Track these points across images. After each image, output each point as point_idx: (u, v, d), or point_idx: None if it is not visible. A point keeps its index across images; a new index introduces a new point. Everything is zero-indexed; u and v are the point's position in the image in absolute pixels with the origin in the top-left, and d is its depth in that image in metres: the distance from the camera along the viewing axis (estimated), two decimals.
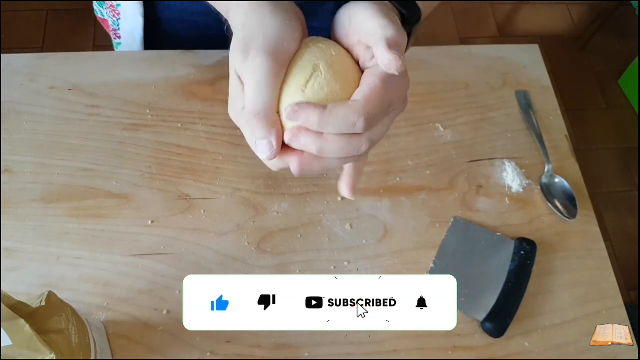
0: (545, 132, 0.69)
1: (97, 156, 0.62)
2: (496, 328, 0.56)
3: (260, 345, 0.54)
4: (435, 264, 0.60)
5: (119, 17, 0.74)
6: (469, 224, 0.63)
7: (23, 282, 0.55)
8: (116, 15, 0.74)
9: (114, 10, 0.73)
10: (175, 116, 0.66)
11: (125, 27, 0.75)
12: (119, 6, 0.72)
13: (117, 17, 0.74)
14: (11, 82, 0.66)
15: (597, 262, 0.62)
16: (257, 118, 0.36)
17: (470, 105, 0.71)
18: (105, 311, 0.54)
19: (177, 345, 0.53)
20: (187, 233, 0.59)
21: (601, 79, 1.84)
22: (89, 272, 0.56)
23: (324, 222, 0.61)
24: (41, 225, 0.58)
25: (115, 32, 0.76)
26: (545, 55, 0.77)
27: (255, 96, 0.36)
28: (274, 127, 0.36)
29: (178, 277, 0.56)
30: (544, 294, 0.59)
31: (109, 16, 0.75)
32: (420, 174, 0.65)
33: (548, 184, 0.66)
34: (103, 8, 0.75)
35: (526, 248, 0.60)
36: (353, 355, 0.54)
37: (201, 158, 0.63)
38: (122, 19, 0.74)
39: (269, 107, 0.36)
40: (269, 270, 0.58)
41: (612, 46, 1.91)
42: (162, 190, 0.61)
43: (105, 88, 0.67)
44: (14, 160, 0.61)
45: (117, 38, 0.77)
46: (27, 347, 0.37)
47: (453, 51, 0.77)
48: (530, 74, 0.74)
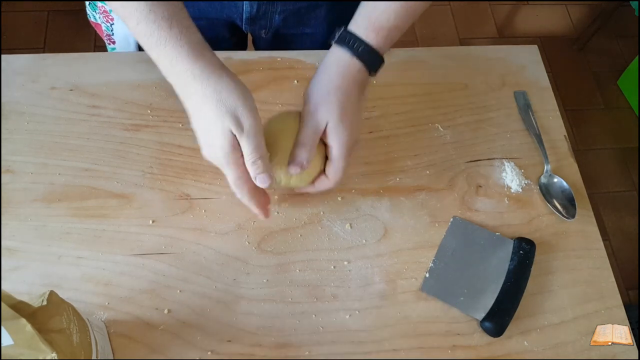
0: (544, 132, 0.70)
1: (98, 156, 0.63)
2: (495, 327, 0.56)
3: (261, 344, 0.54)
4: (435, 264, 0.60)
5: (112, 22, 0.74)
6: (468, 223, 0.63)
7: (24, 281, 0.55)
8: (110, 21, 0.74)
9: (107, 16, 0.74)
10: (176, 116, 0.66)
11: (119, 32, 0.75)
12: (112, 12, 0.73)
13: (111, 22, 0.74)
14: (13, 82, 0.66)
15: (596, 262, 0.62)
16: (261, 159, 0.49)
17: (469, 105, 0.71)
18: (107, 310, 0.54)
19: (178, 344, 0.54)
20: (188, 233, 0.59)
21: (600, 79, 1.85)
22: (90, 271, 0.56)
23: (324, 222, 0.61)
24: (43, 225, 0.58)
25: (110, 37, 0.76)
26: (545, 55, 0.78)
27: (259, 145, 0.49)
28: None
29: (179, 276, 0.57)
30: (543, 294, 0.60)
31: (102, 21, 0.75)
32: (419, 174, 0.66)
33: (547, 184, 0.66)
34: (96, 12, 0.75)
35: (525, 248, 0.60)
36: (353, 355, 0.55)
37: (202, 158, 0.63)
38: (115, 24, 0.74)
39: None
40: (270, 270, 0.58)
41: (611, 47, 1.91)
42: (163, 190, 0.61)
43: (106, 88, 0.67)
44: (16, 161, 0.62)
45: (112, 43, 0.77)
46: (29, 347, 0.37)
47: (452, 52, 0.77)
48: (529, 75, 0.75)
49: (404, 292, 0.58)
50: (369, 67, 0.54)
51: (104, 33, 0.76)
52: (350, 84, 0.53)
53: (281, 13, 0.70)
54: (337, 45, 0.53)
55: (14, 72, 0.67)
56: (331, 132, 0.52)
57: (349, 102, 0.53)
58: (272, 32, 0.74)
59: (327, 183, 0.56)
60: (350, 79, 0.53)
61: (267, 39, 0.76)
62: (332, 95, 0.52)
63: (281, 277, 0.58)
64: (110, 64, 0.69)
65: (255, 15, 0.70)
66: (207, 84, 0.47)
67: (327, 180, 0.56)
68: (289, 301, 0.57)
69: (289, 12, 0.70)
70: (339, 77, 0.53)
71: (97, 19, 0.75)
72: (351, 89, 0.53)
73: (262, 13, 0.70)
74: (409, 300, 0.58)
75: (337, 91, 0.52)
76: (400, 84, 0.72)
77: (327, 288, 0.58)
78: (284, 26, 0.73)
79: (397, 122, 0.69)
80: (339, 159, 0.53)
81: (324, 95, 0.52)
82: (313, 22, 0.74)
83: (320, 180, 0.56)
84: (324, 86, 0.53)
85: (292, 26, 0.74)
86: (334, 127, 0.52)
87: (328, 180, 0.55)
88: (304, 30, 0.75)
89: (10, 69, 0.67)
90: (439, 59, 0.75)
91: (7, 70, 0.67)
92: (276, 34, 0.75)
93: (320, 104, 0.52)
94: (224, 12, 0.70)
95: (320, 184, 0.57)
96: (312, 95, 0.53)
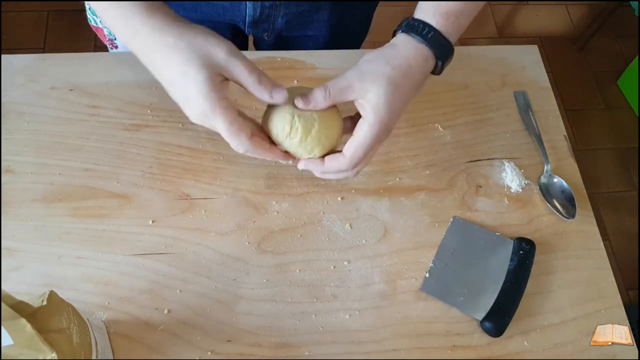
0: (544, 132, 0.70)
1: (98, 156, 0.63)
2: (495, 327, 0.56)
3: (261, 344, 0.54)
4: (435, 264, 0.60)
5: None
6: (468, 223, 0.63)
7: (24, 281, 0.55)
8: None
9: None
10: (176, 116, 0.66)
11: None
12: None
13: None
14: (12, 82, 0.66)
15: (596, 262, 0.62)
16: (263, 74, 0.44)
17: (469, 105, 0.71)
18: (107, 310, 0.54)
19: (177, 344, 0.54)
20: (187, 233, 0.59)
21: (600, 79, 1.85)
22: (90, 271, 0.56)
23: (324, 222, 0.61)
24: (42, 225, 0.58)
25: (112, 42, 0.76)
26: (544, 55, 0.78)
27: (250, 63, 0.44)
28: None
29: (179, 276, 0.57)
30: (543, 294, 0.60)
31: (104, 25, 0.75)
32: (419, 174, 0.66)
33: (547, 184, 0.66)
34: (97, 17, 0.75)
35: (525, 248, 0.60)
36: (353, 355, 0.55)
37: (202, 158, 0.64)
38: None
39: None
40: (269, 270, 0.58)
41: (611, 47, 1.91)
42: (163, 190, 0.61)
43: (106, 88, 0.67)
44: (16, 161, 0.62)
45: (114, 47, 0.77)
46: (29, 347, 0.37)
47: None
48: (529, 75, 0.75)
49: (404, 292, 0.58)
50: (440, 55, 0.48)
51: (106, 37, 0.76)
52: (414, 70, 0.47)
53: (284, 16, 0.70)
54: (405, 33, 0.47)
55: (14, 72, 0.67)
56: (371, 105, 0.45)
57: (405, 86, 0.46)
58: (274, 35, 0.74)
59: (342, 162, 0.47)
60: (416, 66, 0.47)
61: (269, 42, 0.76)
62: (390, 69, 0.45)
63: (281, 277, 0.58)
64: (110, 64, 0.69)
65: (258, 18, 0.70)
66: (167, 33, 0.42)
67: (342, 159, 0.47)
68: (288, 301, 0.57)
69: (291, 15, 0.70)
70: (405, 59, 0.46)
71: (99, 23, 0.75)
72: (413, 76, 0.47)
73: (265, 16, 0.69)
74: (409, 300, 0.58)
75: (398, 69, 0.45)
76: None
77: (327, 288, 0.58)
78: (287, 29, 0.73)
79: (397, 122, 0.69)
80: (366, 136, 0.46)
81: (382, 65, 0.45)
82: (315, 24, 0.74)
83: (334, 157, 0.48)
84: (386, 58, 0.46)
85: (294, 29, 0.73)
86: (378, 101, 0.45)
87: (344, 159, 0.47)
88: (306, 33, 0.75)
89: (10, 69, 0.67)
90: None
91: (7, 70, 0.67)
92: (279, 37, 0.75)
93: (374, 72, 0.45)
94: (227, 15, 0.70)
95: (333, 163, 0.48)
96: (369, 60, 0.46)
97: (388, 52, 0.47)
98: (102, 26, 0.75)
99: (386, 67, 0.46)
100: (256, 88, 0.43)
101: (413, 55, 0.47)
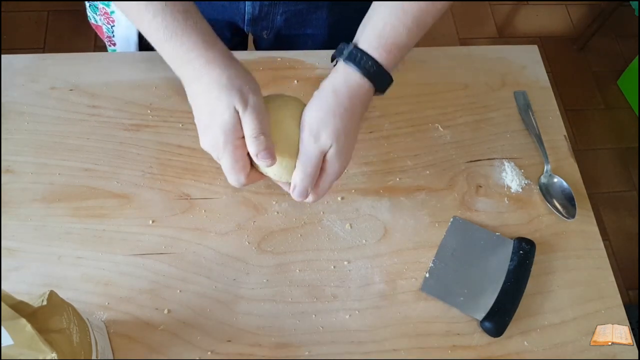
0: (544, 132, 0.70)
1: (98, 156, 0.63)
2: (495, 327, 0.56)
3: (261, 344, 0.54)
4: (435, 264, 0.60)
5: (113, 24, 0.74)
6: (468, 223, 0.63)
7: (24, 281, 0.55)
8: (110, 23, 0.74)
9: (108, 17, 0.74)
10: (176, 116, 0.66)
11: (120, 34, 0.75)
12: (113, 13, 0.73)
13: (112, 24, 0.74)
14: (12, 82, 0.66)
15: (596, 262, 0.62)
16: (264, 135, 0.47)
17: (469, 105, 0.71)
18: (107, 310, 0.54)
19: (177, 344, 0.54)
20: (187, 233, 0.59)
21: (600, 79, 1.85)
22: (90, 271, 0.56)
23: (324, 222, 0.61)
24: (42, 225, 0.58)
25: (110, 39, 0.76)
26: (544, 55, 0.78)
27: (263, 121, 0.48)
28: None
29: (179, 276, 0.57)
30: (543, 294, 0.60)
31: (103, 23, 0.75)
32: (419, 174, 0.66)
33: (547, 184, 0.66)
34: (96, 14, 0.75)
35: (525, 247, 0.60)
36: (353, 355, 0.55)
37: (202, 158, 0.63)
38: (116, 26, 0.74)
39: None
40: (269, 270, 0.58)
41: (611, 47, 1.91)
42: (163, 190, 0.61)
43: (106, 88, 0.67)
44: (15, 161, 0.62)
45: (112, 45, 0.77)
46: (29, 347, 0.37)
47: (452, 52, 0.77)
48: (529, 75, 0.75)
49: (404, 292, 0.58)
50: (379, 88, 0.51)
51: (105, 35, 0.77)
52: (357, 105, 0.50)
53: (283, 14, 0.70)
54: (346, 63, 0.50)
55: (13, 71, 0.67)
56: (332, 158, 0.50)
57: (353, 125, 0.50)
58: (273, 33, 0.74)
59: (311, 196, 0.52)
60: (358, 101, 0.50)
61: (268, 40, 0.76)
62: (338, 118, 0.49)
63: (281, 277, 0.58)
64: (110, 64, 0.69)
65: (257, 16, 0.70)
66: (217, 67, 0.47)
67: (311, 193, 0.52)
68: (288, 301, 0.57)
69: (290, 13, 0.70)
70: (347, 99, 0.50)
71: (98, 20, 0.75)
72: (357, 111, 0.51)
73: (264, 14, 0.70)
74: (409, 300, 0.58)
75: (344, 114, 0.49)
76: (400, 84, 0.71)
77: (327, 288, 0.58)
78: (286, 27, 0.73)
79: (397, 122, 0.69)
80: (330, 181, 0.51)
81: (329, 117, 0.49)
82: (315, 23, 0.74)
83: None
84: (330, 106, 0.50)
85: (293, 27, 0.74)
86: (336, 153, 0.49)
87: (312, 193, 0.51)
88: (305, 32, 0.75)
89: (10, 69, 0.67)
90: (439, 59, 0.75)
91: (7, 70, 0.67)
92: (278, 35, 0.75)
93: (325, 127, 0.49)
94: (226, 13, 0.71)
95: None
96: (316, 115, 0.50)
97: (330, 97, 0.50)
98: (101, 23, 0.75)
99: (335, 118, 0.49)
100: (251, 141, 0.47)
101: (357, 92, 0.50)
